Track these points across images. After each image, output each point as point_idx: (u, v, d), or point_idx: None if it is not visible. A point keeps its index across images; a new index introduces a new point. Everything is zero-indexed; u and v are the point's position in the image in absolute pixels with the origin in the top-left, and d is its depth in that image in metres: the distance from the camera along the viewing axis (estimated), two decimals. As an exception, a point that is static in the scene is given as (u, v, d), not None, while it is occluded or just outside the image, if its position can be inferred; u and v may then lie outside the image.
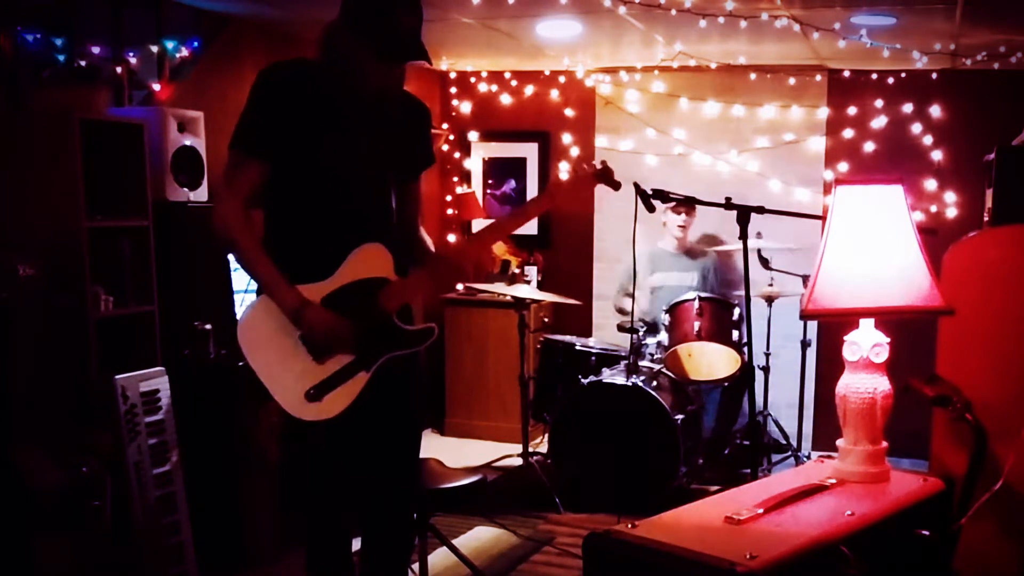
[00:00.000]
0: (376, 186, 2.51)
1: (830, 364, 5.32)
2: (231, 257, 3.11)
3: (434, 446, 5.94)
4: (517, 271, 6.04)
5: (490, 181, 6.53)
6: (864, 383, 2.25)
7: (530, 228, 6.42)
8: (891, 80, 5.60)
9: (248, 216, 2.40)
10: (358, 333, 2.43)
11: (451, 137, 6.54)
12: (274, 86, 2.41)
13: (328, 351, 2.41)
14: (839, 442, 2.30)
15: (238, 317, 2.53)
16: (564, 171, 6.28)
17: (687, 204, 5.33)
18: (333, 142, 2.43)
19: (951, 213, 5.50)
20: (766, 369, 5.35)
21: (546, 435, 4.93)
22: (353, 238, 2.45)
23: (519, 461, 5.19)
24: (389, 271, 2.49)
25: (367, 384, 2.45)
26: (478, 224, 6.46)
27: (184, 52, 4.31)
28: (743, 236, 3.35)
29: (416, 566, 3.31)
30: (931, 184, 5.53)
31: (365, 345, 2.44)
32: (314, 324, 2.36)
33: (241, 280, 3.80)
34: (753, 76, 5.81)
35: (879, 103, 5.63)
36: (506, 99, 6.36)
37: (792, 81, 5.75)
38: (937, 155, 5.55)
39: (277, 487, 3.82)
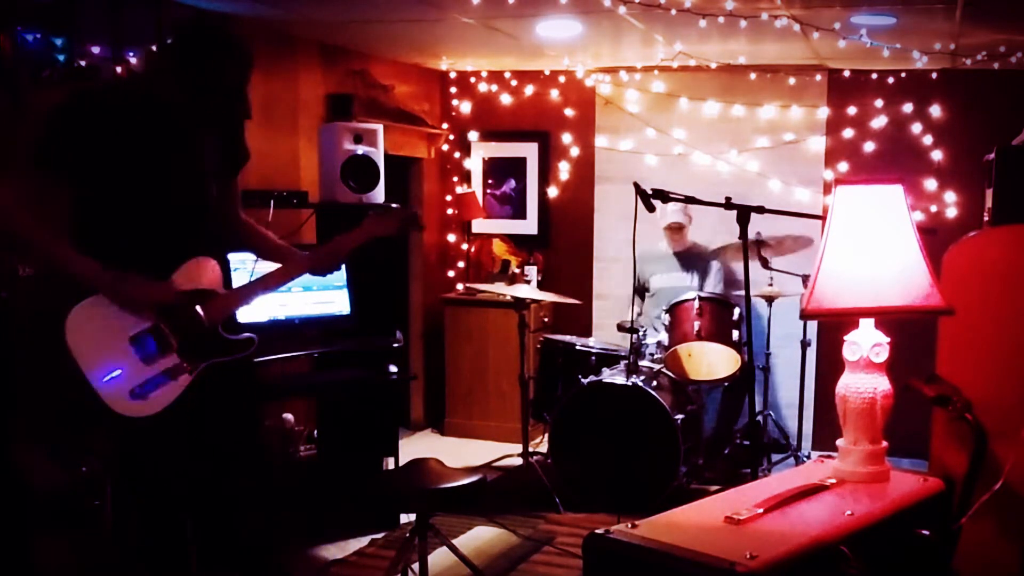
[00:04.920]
0: (195, 193, 2.66)
1: (830, 364, 5.31)
2: (236, 256, 3.20)
3: (434, 446, 5.94)
4: (517, 271, 6.05)
5: (490, 181, 6.52)
6: (864, 383, 2.25)
7: (530, 228, 6.42)
8: (891, 80, 5.60)
9: (29, 209, 2.45)
10: (180, 318, 2.59)
11: (451, 137, 6.54)
12: (82, 110, 2.52)
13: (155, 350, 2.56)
14: (839, 442, 2.30)
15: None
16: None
17: (687, 203, 5.33)
18: (149, 156, 2.55)
19: (951, 213, 5.50)
20: (766, 369, 5.35)
21: (546, 435, 4.94)
22: (178, 247, 2.62)
23: (519, 461, 5.19)
24: (217, 284, 2.70)
25: (189, 386, 2.61)
26: (478, 224, 6.46)
27: (184, 52, 4.30)
28: (743, 236, 3.35)
29: (416, 566, 3.32)
30: (931, 184, 5.53)
31: (190, 350, 2.61)
32: (133, 295, 2.51)
33: (242, 277, 3.79)
34: (753, 76, 5.81)
35: (879, 103, 5.63)
36: (506, 99, 6.36)
37: (792, 81, 5.75)
38: (937, 155, 5.55)
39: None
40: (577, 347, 5.16)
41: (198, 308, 2.63)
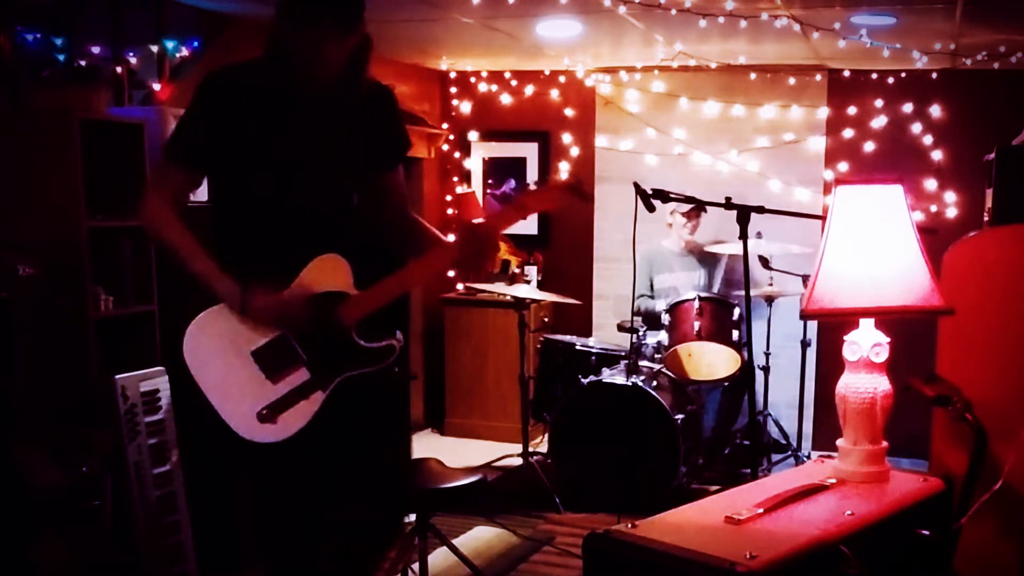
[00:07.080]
0: (331, 187, 2.38)
1: (830, 364, 5.31)
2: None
3: (434, 446, 5.94)
4: (517, 271, 6.05)
5: (490, 181, 6.53)
6: (864, 383, 2.25)
7: (530, 228, 6.42)
8: (891, 80, 5.60)
9: (177, 214, 2.31)
10: (311, 327, 2.29)
11: (451, 137, 6.54)
12: (209, 95, 2.31)
13: (281, 365, 2.26)
14: (839, 442, 2.30)
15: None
16: (564, 171, 6.29)
17: (687, 204, 5.33)
18: (279, 144, 2.29)
19: (951, 213, 5.50)
20: (766, 369, 5.34)
21: (546, 435, 4.94)
22: (309, 245, 2.32)
23: (519, 461, 5.19)
24: (348, 284, 2.36)
25: (324, 404, 2.29)
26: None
27: (184, 52, 4.30)
28: (743, 236, 3.35)
29: (416, 566, 3.31)
30: (931, 184, 5.53)
31: (321, 363, 2.30)
32: (262, 306, 2.24)
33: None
34: (753, 76, 5.81)
35: (879, 103, 5.63)
36: (506, 99, 6.35)
37: (792, 81, 5.75)
38: (937, 155, 5.55)
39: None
40: (577, 347, 5.16)
41: (328, 312, 2.30)
